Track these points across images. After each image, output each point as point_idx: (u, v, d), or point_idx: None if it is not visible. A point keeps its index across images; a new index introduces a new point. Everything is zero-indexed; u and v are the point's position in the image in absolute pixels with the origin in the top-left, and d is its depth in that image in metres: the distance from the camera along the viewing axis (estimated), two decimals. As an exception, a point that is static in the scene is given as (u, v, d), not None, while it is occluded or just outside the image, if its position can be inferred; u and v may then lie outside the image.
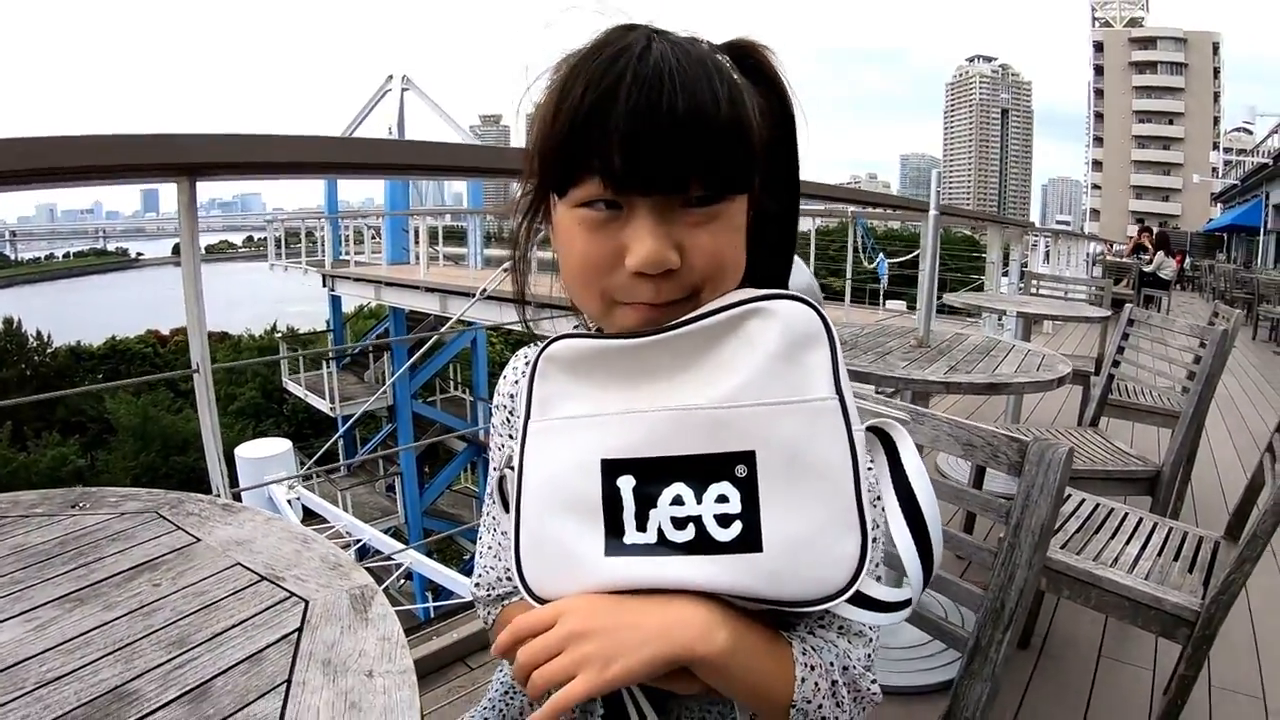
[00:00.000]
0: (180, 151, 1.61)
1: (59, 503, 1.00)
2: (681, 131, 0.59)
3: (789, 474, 0.61)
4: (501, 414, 0.83)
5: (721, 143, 0.61)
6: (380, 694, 0.63)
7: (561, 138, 0.62)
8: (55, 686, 0.64)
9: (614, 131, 0.59)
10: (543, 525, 0.65)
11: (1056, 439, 0.89)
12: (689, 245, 0.63)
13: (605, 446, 0.64)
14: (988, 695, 0.95)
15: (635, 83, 0.59)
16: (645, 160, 0.60)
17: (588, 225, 0.64)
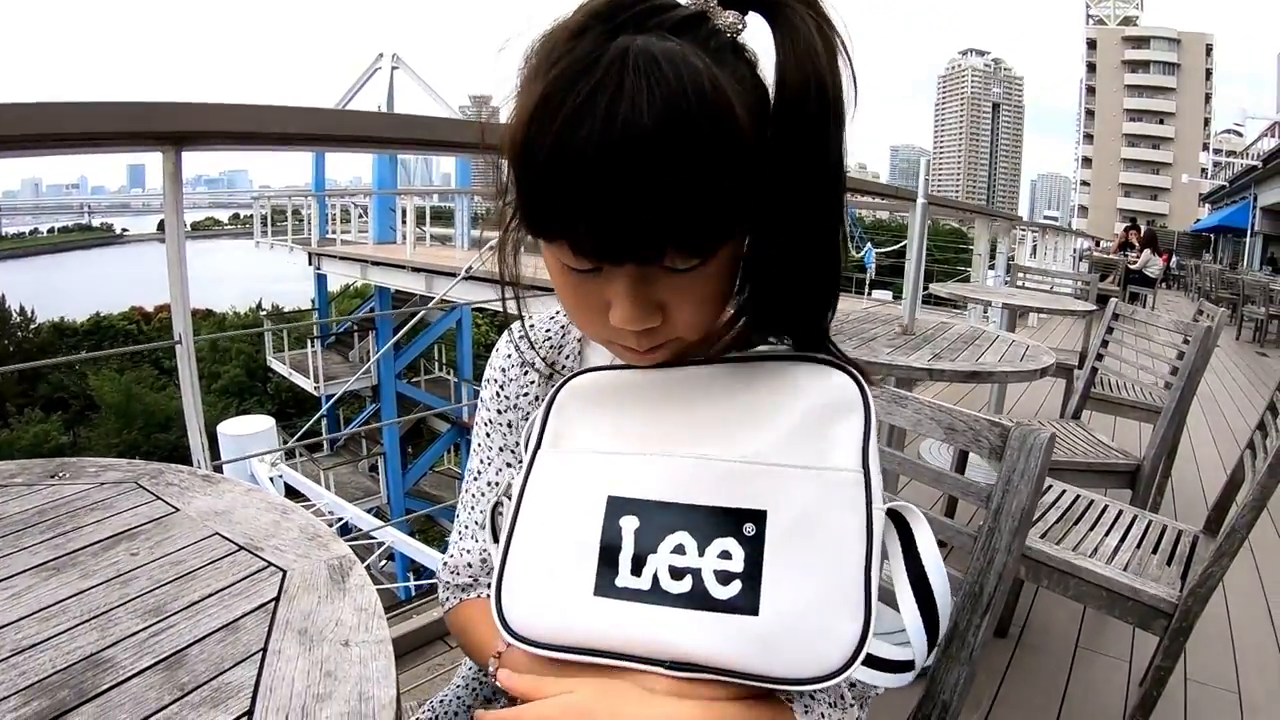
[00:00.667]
0: (167, 119, 1.59)
1: (38, 473, 0.99)
2: (653, 206, 0.52)
3: (798, 541, 0.59)
4: (491, 388, 0.82)
5: (699, 213, 0.53)
6: (356, 664, 0.63)
7: (530, 195, 0.56)
8: (31, 654, 0.64)
9: (580, 209, 0.53)
10: (533, 556, 0.63)
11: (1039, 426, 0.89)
12: (672, 304, 0.60)
13: (614, 483, 0.63)
14: (964, 679, 0.96)
15: (601, 151, 0.51)
16: (615, 238, 0.54)
17: (569, 277, 0.61)
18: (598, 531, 0.61)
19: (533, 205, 0.56)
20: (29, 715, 0.57)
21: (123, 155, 72.35)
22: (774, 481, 0.60)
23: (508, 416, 0.82)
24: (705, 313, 0.62)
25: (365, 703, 0.59)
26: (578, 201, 0.52)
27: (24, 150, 1.45)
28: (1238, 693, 2.25)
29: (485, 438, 0.84)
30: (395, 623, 2.00)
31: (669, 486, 0.62)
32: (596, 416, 0.67)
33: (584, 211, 0.53)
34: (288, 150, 1.83)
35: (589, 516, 0.62)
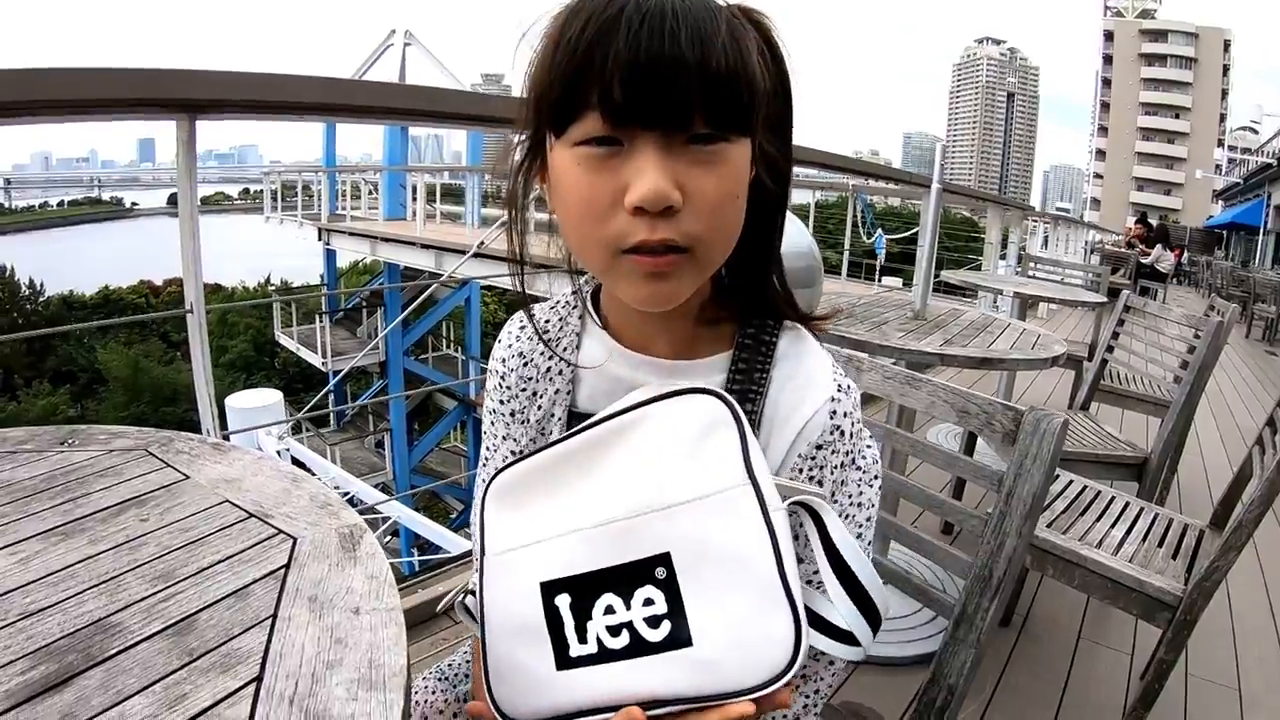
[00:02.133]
0: (181, 87, 1.57)
1: (47, 440, 0.98)
2: (685, 63, 0.57)
3: (706, 566, 0.63)
4: (494, 379, 0.85)
5: (725, 78, 0.59)
6: (367, 631, 0.63)
7: (560, 71, 0.60)
8: (39, 618, 0.63)
9: (615, 62, 0.57)
10: (502, 652, 0.69)
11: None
12: (691, 187, 0.61)
13: (541, 571, 0.68)
14: (971, 662, 0.96)
15: (637, 14, 0.57)
16: (647, 91, 0.58)
17: (587, 164, 0.62)
18: (541, 616, 0.67)
19: (568, 75, 0.60)
20: (36, 679, 0.56)
21: (133, 128, 70.80)
22: (667, 523, 0.64)
23: (509, 406, 0.84)
24: (720, 212, 0.63)
25: (375, 670, 0.59)
26: (613, 60, 0.57)
27: (37, 117, 1.44)
28: (1238, 689, 2.26)
29: (490, 426, 0.87)
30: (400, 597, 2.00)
31: (583, 558, 0.66)
32: (513, 515, 0.73)
33: (619, 69, 0.57)
34: (302, 120, 1.82)
35: (531, 605, 0.68)
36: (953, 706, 0.98)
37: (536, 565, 0.69)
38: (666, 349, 0.76)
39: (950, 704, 0.98)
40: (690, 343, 0.76)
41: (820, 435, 0.72)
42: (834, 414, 0.73)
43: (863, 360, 1.14)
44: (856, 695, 1.13)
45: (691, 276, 0.66)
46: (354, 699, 0.56)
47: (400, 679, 0.58)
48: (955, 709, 0.99)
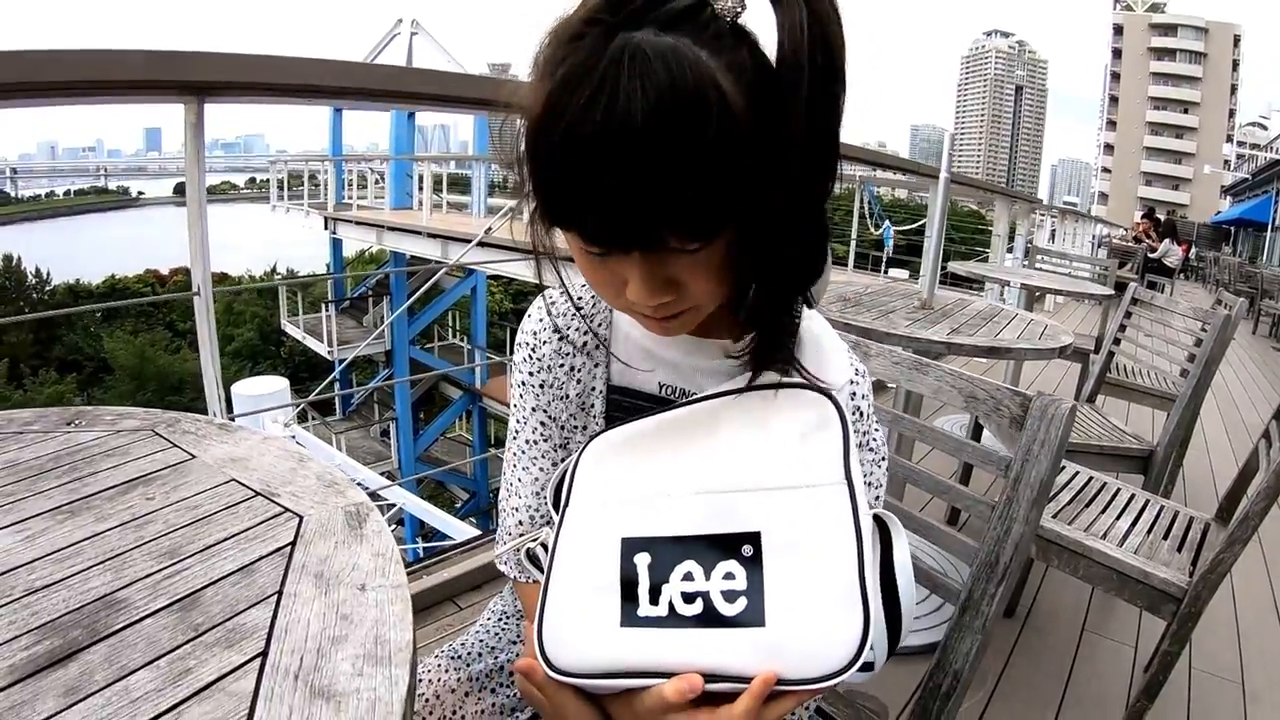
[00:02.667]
0: (190, 69, 1.56)
1: (54, 420, 0.98)
2: (649, 199, 0.55)
3: (793, 554, 0.64)
4: (524, 351, 0.86)
5: (694, 202, 0.56)
6: (373, 607, 0.63)
7: (542, 195, 0.60)
8: (44, 594, 0.63)
9: (585, 203, 0.57)
10: (565, 601, 0.69)
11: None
12: (685, 281, 0.63)
13: (627, 527, 0.69)
14: (977, 648, 0.96)
15: (600, 151, 0.54)
16: (616, 231, 0.58)
17: (588, 258, 0.64)
18: (617, 570, 0.67)
19: (545, 199, 0.60)
20: (40, 654, 0.57)
21: (139, 117, 70.85)
22: (763, 504, 0.66)
23: (540, 378, 0.85)
24: (719, 283, 0.64)
25: (381, 645, 0.59)
26: (583, 197, 0.57)
27: (45, 98, 1.43)
28: (1241, 683, 2.25)
29: (520, 399, 0.87)
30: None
31: (671, 522, 0.68)
32: (607, 473, 0.74)
33: (589, 206, 0.57)
34: (310, 103, 1.81)
35: (608, 558, 0.68)
36: (958, 693, 0.98)
37: (623, 521, 0.70)
38: (705, 330, 0.76)
39: (955, 690, 0.98)
40: (716, 319, 0.74)
41: None
42: (854, 395, 0.77)
43: (870, 346, 1.13)
44: (860, 685, 1.12)
45: (693, 320, 0.69)
46: (359, 674, 0.56)
47: (406, 654, 0.58)
48: (960, 695, 0.99)
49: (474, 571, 2.22)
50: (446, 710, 0.89)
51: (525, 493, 0.87)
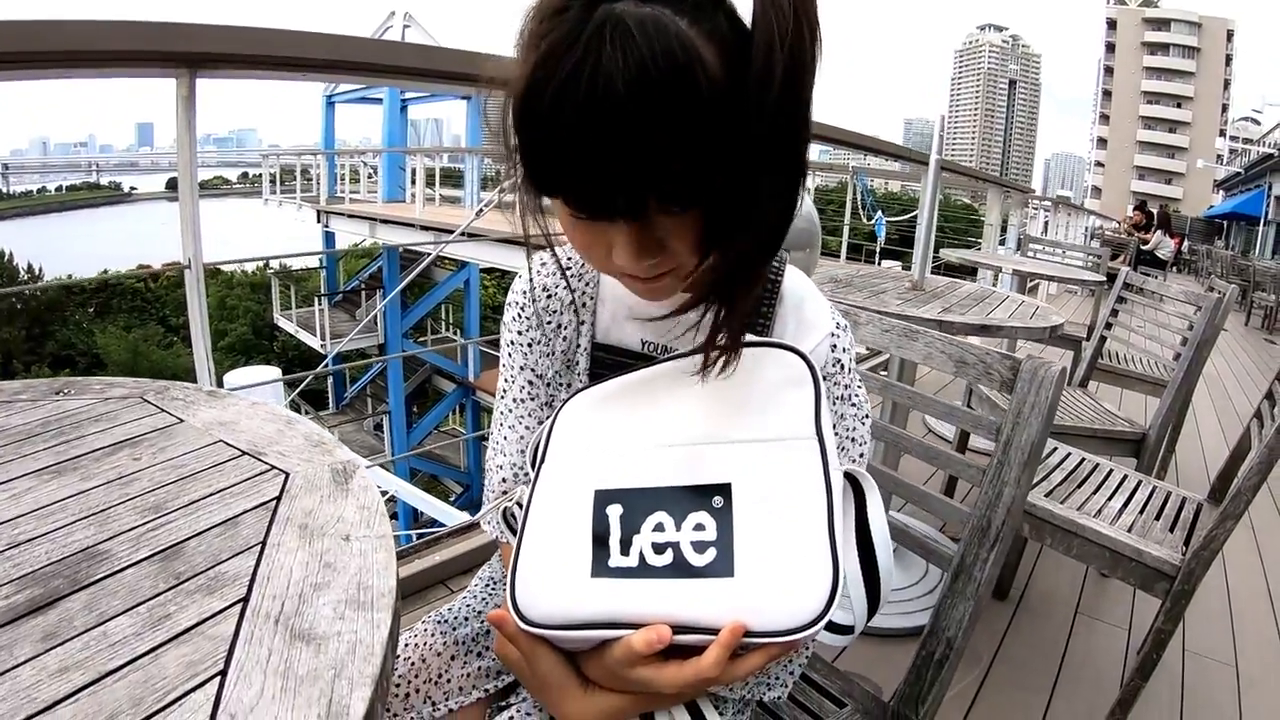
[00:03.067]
0: (181, 40, 1.53)
1: (43, 390, 0.98)
2: (630, 168, 0.57)
3: (763, 506, 0.65)
4: (513, 310, 0.87)
5: (674, 170, 0.57)
6: (356, 556, 0.62)
7: (528, 165, 0.61)
8: (26, 547, 0.63)
9: (570, 172, 0.59)
10: (537, 552, 0.69)
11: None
12: (670, 243, 0.63)
13: (599, 479, 0.70)
14: (969, 615, 0.95)
15: (583, 121, 0.55)
16: (601, 197, 0.59)
17: (574, 221, 0.65)
18: (589, 521, 0.68)
19: (532, 169, 0.61)
20: (21, 602, 0.56)
21: (131, 112, 70.44)
22: (734, 456, 0.68)
23: (527, 336, 0.87)
24: (701, 246, 0.64)
25: (364, 591, 0.58)
26: (569, 166, 0.58)
27: (29, 70, 1.39)
28: (1235, 666, 2.26)
29: (508, 358, 0.88)
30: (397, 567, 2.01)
31: (643, 474, 0.69)
32: (584, 427, 0.75)
33: (575, 174, 0.58)
34: (305, 78, 1.78)
35: (581, 510, 0.69)
36: (951, 659, 0.98)
37: (597, 473, 0.71)
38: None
39: (949, 657, 0.98)
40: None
41: (823, 367, 0.76)
42: (834, 348, 0.78)
43: (859, 314, 1.13)
44: (854, 666, 1.13)
45: (684, 279, 0.69)
46: (341, 618, 0.56)
47: (389, 600, 0.57)
48: (954, 663, 0.98)
49: (465, 555, 2.21)
50: (432, 673, 0.89)
51: (510, 450, 0.88)
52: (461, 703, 0.89)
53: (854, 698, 1.07)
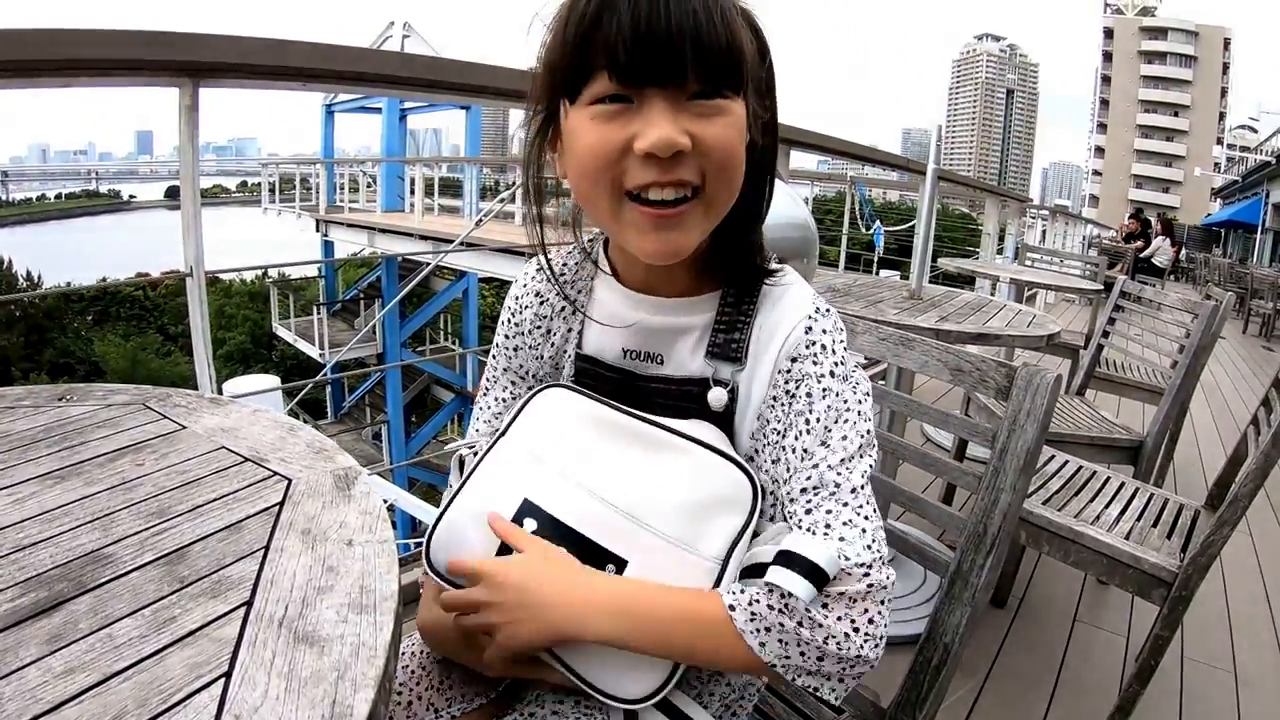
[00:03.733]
0: (185, 49, 1.55)
1: (45, 396, 0.99)
2: (682, 31, 0.64)
3: None
4: (506, 313, 0.92)
5: (717, 45, 0.66)
6: (359, 560, 0.63)
7: (572, 41, 0.67)
8: (31, 551, 0.64)
9: (620, 29, 0.64)
10: (457, 520, 0.78)
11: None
12: (699, 132, 0.68)
13: (532, 489, 0.77)
14: (966, 621, 0.96)
15: None
16: (650, 53, 0.65)
17: (600, 118, 0.69)
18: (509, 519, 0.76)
19: (580, 44, 0.67)
20: (25, 605, 0.57)
21: (131, 120, 70.36)
22: (644, 540, 0.73)
23: (514, 341, 0.91)
24: (727, 152, 0.70)
25: (367, 595, 0.59)
26: (618, 27, 0.65)
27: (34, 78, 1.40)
28: (1233, 671, 2.26)
29: (494, 359, 0.93)
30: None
31: (567, 510, 0.76)
32: (548, 427, 0.82)
33: (624, 35, 0.65)
34: (306, 88, 1.79)
35: (506, 507, 0.77)
36: (949, 666, 0.98)
37: (534, 482, 0.78)
38: (670, 289, 0.82)
39: (946, 663, 0.98)
40: (689, 284, 0.82)
41: (796, 349, 0.77)
42: (810, 330, 0.78)
43: (857, 323, 1.14)
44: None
45: (699, 223, 0.73)
46: (344, 621, 0.56)
47: (392, 604, 0.58)
48: (952, 669, 0.98)
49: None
50: (434, 679, 0.88)
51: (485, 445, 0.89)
52: (464, 709, 0.88)
53: (852, 704, 1.07)
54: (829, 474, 0.73)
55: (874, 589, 0.69)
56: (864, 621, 0.69)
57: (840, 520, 0.71)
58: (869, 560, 0.70)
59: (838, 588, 0.69)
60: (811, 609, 0.69)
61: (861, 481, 0.74)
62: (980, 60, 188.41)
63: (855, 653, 0.69)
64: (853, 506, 0.72)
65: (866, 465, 0.75)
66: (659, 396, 0.83)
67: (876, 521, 0.73)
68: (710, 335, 0.80)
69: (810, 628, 0.69)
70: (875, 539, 0.71)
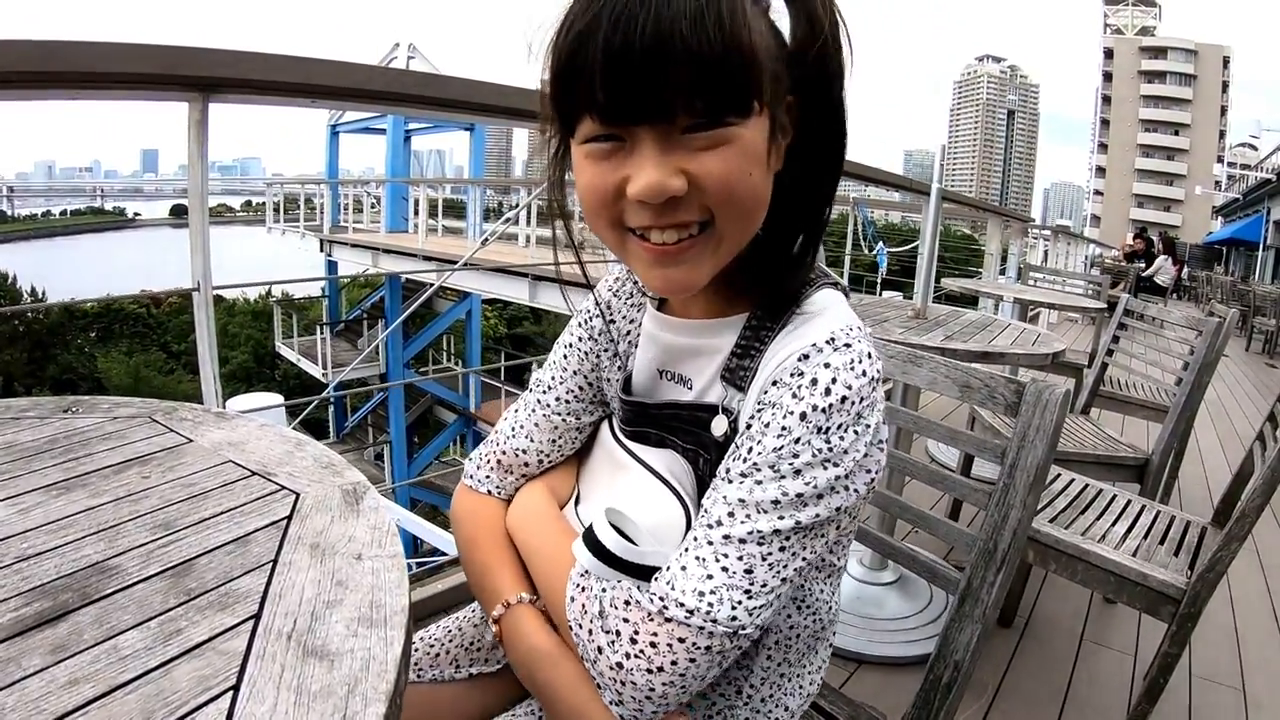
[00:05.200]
0: (196, 64, 1.54)
1: (51, 408, 0.98)
2: (661, 54, 0.58)
3: None
4: (581, 316, 0.92)
5: (703, 67, 0.59)
6: (369, 574, 0.63)
7: (557, 77, 0.63)
8: (36, 561, 0.63)
9: (594, 68, 0.59)
10: None
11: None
12: (695, 170, 0.63)
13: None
14: (977, 638, 0.95)
15: (611, 17, 0.58)
16: (626, 91, 0.60)
17: (593, 158, 0.65)
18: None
19: (561, 83, 0.63)
20: (29, 615, 0.56)
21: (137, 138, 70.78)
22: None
23: (585, 345, 0.90)
24: (729, 186, 0.64)
25: (377, 610, 0.58)
26: (592, 66, 0.59)
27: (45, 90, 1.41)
28: (1242, 689, 2.24)
29: (563, 359, 0.91)
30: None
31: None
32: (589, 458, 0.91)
33: (598, 74, 0.59)
34: (315, 105, 1.79)
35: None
36: (959, 683, 0.98)
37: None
38: (701, 311, 0.79)
39: (957, 680, 0.97)
40: (715, 306, 0.78)
41: (781, 374, 0.68)
42: (806, 358, 0.67)
43: (866, 339, 1.14)
44: (859, 695, 1.12)
45: (708, 258, 0.68)
46: (354, 635, 0.56)
47: (402, 618, 0.57)
48: (962, 686, 0.98)
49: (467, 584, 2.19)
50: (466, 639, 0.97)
51: (540, 438, 0.90)
52: (481, 670, 0.93)
53: (860, 724, 1.07)
54: (720, 507, 0.67)
55: (674, 623, 0.65)
56: (645, 639, 0.66)
57: (695, 554, 0.67)
58: (692, 606, 0.65)
59: (644, 600, 0.67)
60: (608, 595, 0.69)
61: (750, 536, 0.65)
62: (981, 81, 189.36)
63: (619, 659, 0.66)
64: (717, 549, 0.66)
65: (772, 528, 0.65)
66: (674, 421, 0.80)
67: (740, 582, 0.65)
68: (727, 361, 0.75)
69: (597, 606, 0.69)
70: (722, 596, 0.65)
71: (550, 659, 0.73)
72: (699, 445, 0.77)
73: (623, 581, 0.69)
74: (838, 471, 0.66)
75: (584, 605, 0.70)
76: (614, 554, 0.70)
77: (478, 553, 0.87)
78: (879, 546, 1.15)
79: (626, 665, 0.66)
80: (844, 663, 2.09)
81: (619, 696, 0.67)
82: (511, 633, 0.78)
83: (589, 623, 0.69)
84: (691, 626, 0.64)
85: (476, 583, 0.86)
